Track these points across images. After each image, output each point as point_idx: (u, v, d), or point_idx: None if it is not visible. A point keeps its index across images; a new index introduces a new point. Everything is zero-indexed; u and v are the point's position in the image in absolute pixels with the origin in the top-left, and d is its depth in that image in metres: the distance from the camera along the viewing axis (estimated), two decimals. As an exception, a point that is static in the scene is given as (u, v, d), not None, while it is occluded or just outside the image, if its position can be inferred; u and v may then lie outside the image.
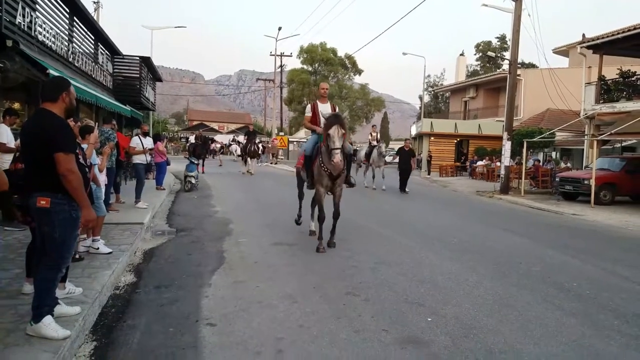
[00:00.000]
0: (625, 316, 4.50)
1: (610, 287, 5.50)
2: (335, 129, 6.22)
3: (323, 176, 6.75)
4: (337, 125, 6.26)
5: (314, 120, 7.33)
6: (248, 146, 21.87)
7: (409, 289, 5.02)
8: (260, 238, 7.52)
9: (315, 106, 7.41)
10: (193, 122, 66.23)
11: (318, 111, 7.23)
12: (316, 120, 7.23)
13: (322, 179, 6.78)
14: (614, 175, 14.87)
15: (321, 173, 6.75)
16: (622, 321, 4.36)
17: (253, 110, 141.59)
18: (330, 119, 6.38)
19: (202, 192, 13.72)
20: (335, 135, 6.21)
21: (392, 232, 8.32)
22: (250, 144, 21.90)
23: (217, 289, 4.92)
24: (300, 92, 56.49)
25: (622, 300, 5.01)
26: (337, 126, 6.25)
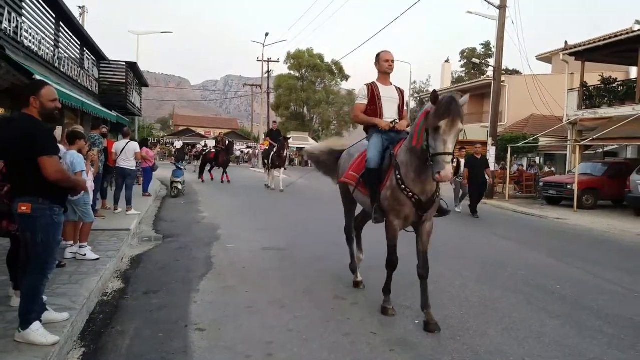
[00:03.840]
0: (608, 317, 4.60)
1: (593, 289, 5.62)
2: (451, 123, 3.69)
3: (404, 204, 4.18)
4: (456, 116, 3.69)
5: (371, 110, 4.81)
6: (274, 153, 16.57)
7: (396, 292, 5.05)
8: (249, 243, 7.53)
9: (373, 88, 4.82)
10: (179, 127, 65.90)
11: (379, 95, 4.80)
12: (376, 109, 4.79)
13: (402, 207, 4.20)
14: (596, 179, 15.16)
15: (400, 199, 4.18)
16: (605, 322, 4.47)
17: (240, 116, 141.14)
18: (444, 103, 3.71)
19: (189, 198, 13.67)
20: (449, 133, 3.72)
21: (381, 236, 8.37)
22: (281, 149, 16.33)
23: (205, 295, 4.92)
24: (288, 97, 56.62)
25: (605, 301, 5.13)
26: (455, 118, 3.69)
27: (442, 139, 3.71)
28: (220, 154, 19.70)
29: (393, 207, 4.26)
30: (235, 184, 18.58)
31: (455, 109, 3.69)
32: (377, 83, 4.88)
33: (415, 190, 4.13)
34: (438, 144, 3.72)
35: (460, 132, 3.79)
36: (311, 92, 57.19)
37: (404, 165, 4.18)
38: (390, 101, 4.82)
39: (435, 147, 3.73)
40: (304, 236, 8.32)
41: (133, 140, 10.59)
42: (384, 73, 4.88)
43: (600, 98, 17.68)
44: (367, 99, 4.83)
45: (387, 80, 4.92)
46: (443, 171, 3.67)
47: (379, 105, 4.79)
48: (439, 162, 3.70)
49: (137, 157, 10.13)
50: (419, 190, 4.14)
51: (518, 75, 30.62)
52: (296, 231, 8.80)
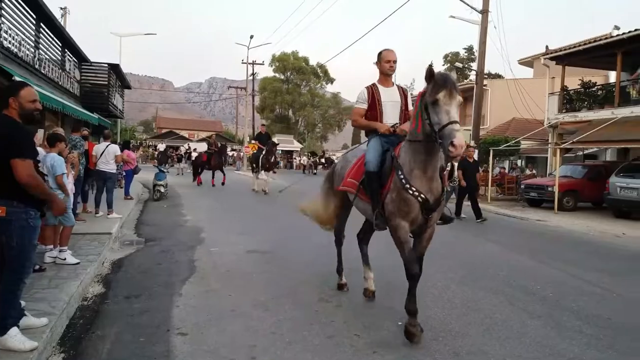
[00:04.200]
0: (587, 317, 4.68)
1: (573, 290, 5.71)
2: (449, 93, 3.50)
3: (411, 204, 3.86)
4: (452, 87, 3.53)
5: (372, 116, 4.55)
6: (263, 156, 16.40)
7: (380, 294, 5.09)
8: (233, 246, 7.49)
9: (374, 91, 4.53)
10: (162, 129, 65.36)
11: (379, 99, 4.50)
12: (376, 114, 4.51)
13: (410, 208, 3.88)
14: (576, 182, 15.42)
15: (407, 199, 3.86)
16: (584, 322, 4.54)
17: (224, 118, 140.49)
18: (439, 77, 3.59)
19: (171, 201, 13.56)
20: (450, 103, 3.50)
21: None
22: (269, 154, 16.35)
23: (188, 299, 4.88)
24: (273, 100, 56.63)
25: (584, 302, 5.21)
26: (452, 89, 3.52)
27: (444, 110, 3.48)
28: (213, 156, 19.21)
29: (400, 209, 3.93)
30: (219, 187, 18.47)
31: (450, 80, 3.57)
32: (378, 85, 4.57)
33: (422, 189, 3.83)
34: (441, 116, 3.47)
35: (460, 104, 3.56)
36: (296, 94, 57.30)
37: (407, 164, 3.90)
38: (391, 105, 4.51)
39: (440, 120, 3.47)
40: (288, 239, 8.30)
41: (114, 143, 10.47)
42: (385, 74, 4.58)
43: (580, 102, 18.01)
44: (367, 103, 4.54)
45: (389, 81, 4.63)
46: (456, 139, 3.30)
47: (379, 110, 4.50)
48: (448, 133, 3.37)
49: (117, 160, 10.02)
50: (426, 189, 3.85)
51: (500, 79, 31.04)
52: (281, 234, 8.79)
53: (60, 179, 5.64)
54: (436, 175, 3.88)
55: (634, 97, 15.53)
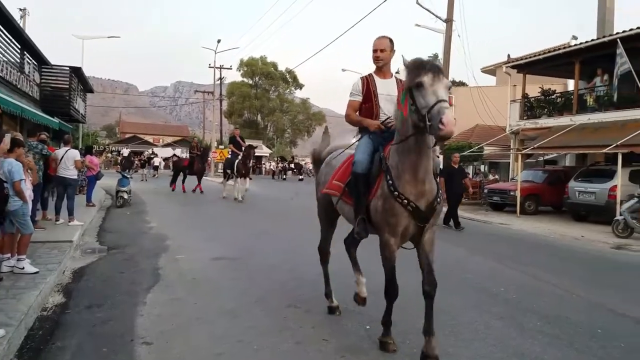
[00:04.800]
0: (548, 317, 4.82)
1: (535, 291, 5.88)
2: (432, 74, 3.18)
3: (399, 215, 3.51)
4: (435, 69, 3.22)
5: (367, 109, 4.10)
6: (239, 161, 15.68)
7: (349, 299, 5.09)
8: (199, 253, 7.38)
9: (369, 82, 4.10)
10: (125, 134, 64.01)
11: (375, 91, 4.08)
12: (372, 107, 4.07)
13: (398, 219, 3.53)
14: (537, 186, 15.91)
15: (394, 209, 3.50)
16: (545, 322, 4.67)
17: (191, 123, 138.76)
18: (417, 63, 3.28)
19: (135, 208, 13.26)
20: (436, 84, 3.16)
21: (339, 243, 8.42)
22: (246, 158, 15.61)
23: (152, 307, 4.78)
24: (241, 105, 56.30)
25: (545, 303, 5.37)
26: (436, 71, 3.21)
27: (431, 91, 3.13)
28: (195, 161, 18.21)
29: (386, 220, 3.56)
30: (184, 193, 18.17)
31: (432, 62, 3.28)
32: (374, 76, 4.13)
33: (411, 195, 3.46)
34: (428, 97, 3.12)
35: (448, 87, 3.24)
36: (265, 100, 57.17)
37: (396, 166, 3.51)
38: (388, 98, 4.06)
39: (427, 102, 3.12)
40: (256, 245, 8.24)
41: (75, 148, 10.18)
42: (379, 66, 4.13)
43: (540, 109, 18.61)
44: (362, 95, 4.10)
45: (385, 72, 4.15)
46: (444, 116, 2.98)
47: (375, 102, 4.06)
48: (437, 112, 3.03)
49: (76, 165, 9.72)
50: (416, 195, 3.47)
51: (464, 87, 31.76)
52: (248, 240, 8.71)
53: (18, 186, 5.43)
54: (429, 177, 3.50)
55: (591, 104, 16.18)
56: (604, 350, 4.01)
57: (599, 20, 19.83)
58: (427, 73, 3.18)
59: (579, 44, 16.32)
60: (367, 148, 3.92)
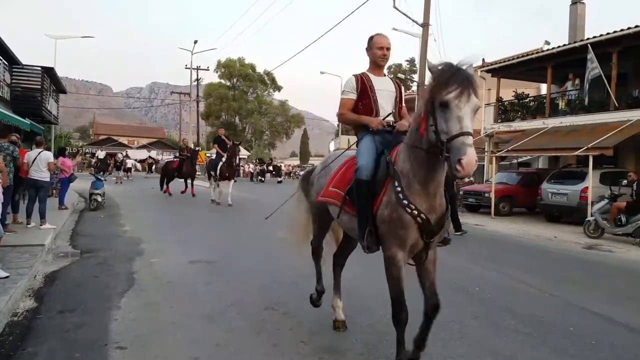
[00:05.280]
0: (522, 317, 4.91)
1: (509, 291, 5.98)
2: (460, 94, 2.73)
3: (409, 226, 3.15)
4: (466, 86, 2.75)
5: (364, 106, 3.82)
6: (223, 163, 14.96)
7: (327, 301, 5.09)
8: (175, 256, 7.28)
9: (364, 79, 3.84)
10: (99, 136, 62.88)
11: (372, 87, 3.82)
12: (370, 103, 3.80)
13: (407, 232, 3.17)
14: (511, 188, 16.22)
15: (403, 220, 3.15)
16: (519, 321, 4.76)
17: (167, 125, 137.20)
18: (447, 70, 2.80)
19: (109, 211, 13.02)
20: (462, 107, 2.74)
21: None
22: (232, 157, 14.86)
23: (127, 312, 4.69)
24: (218, 106, 55.86)
25: (519, 302, 5.47)
26: (466, 88, 2.74)
27: (455, 116, 2.72)
28: (185, 162, 17.44)
29: (394, 232, 3.18)
30: (161, 195, 17.93)
31: (467, 77, 2.75)
32: (368, 74, 3.89)
33: (422, 206, 3.11)
34: (451, 124, 2.72)
35: (477, 109, 2.82)
36: (243, 101, 56.85)
37: (406, 174, 3.16)
38: (386, 95, 3.84)
39: (448, 129, 2.73)
40: (233, 248, 8.18)
41: (47, 150, 9.94)
42: (376, 63, 3.88)
43: (514, 112, 18.99)
44: (357, 93, 3.81)
45: (381, 71, 3.95)
46: (465, 157, 2.61)
47: (372, 99, 3.78)
48: (457, 147, 2.65)
49: (50, 168, 9.51)
50: (427, 207, 3.13)
51: (440, 90, 32.13)
52: (225, 243, 8.64)
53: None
54: (440, 191, 3.20)
55: (563, 108, 16.59)
56: (576, 348, 4.10)
57: (571, 26, 20.37)
58: (456, 90, 2.72)
59: (552, 49, 16.72)
60: (372, 150, 3.54)
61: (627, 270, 7.87)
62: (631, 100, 14.65)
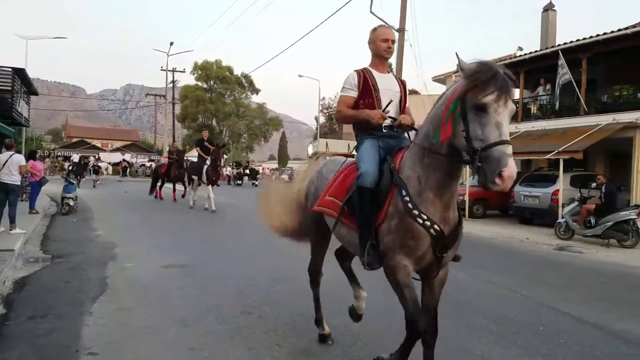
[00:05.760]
0: (494, 317, 5.00)
1: (482, 292, 6.09)
2: (501, 97, 2.48)
3: (420, 237, 2.84)
4: (505, 91, 2.49)
5: (366, 105, 3.48)
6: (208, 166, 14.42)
7: (303, 303, 5.09)
8: (149, 261, 7.19)
9: (366, 76, 3.52)
10: (72, 139, 61.63)
11: (375, 85, 3.50)
12: (372, 102, 3.47)
13: (417, 243, 2.86)
14: (485, 191, 16.46)
15: (413, 231, 2.84)
16: (491, 321, 4.85)
17: (142, 127, 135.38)
18: (486, 72, 2.51)
19: (81, 215, 12.76)
20: (502, 112, 2.49)
21: (292, 247, 8.40)
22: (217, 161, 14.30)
23: (99, 317, 4.61)
24: (195, 109, 55.30)
25: (492, 302, 5.57)
26: (505, 92, 2.49)
27: (494, 122, 2.46)
28: (173, 166, 16.78)
29: (404, 242, 2.87)
30: (135, 199, 17.68)
31: (503, 78, 2.50)
32: (371, 70, 3.57)
33: (435, 216, 2.83)
34: (489, 131, 2.45)
35: (513, 114, 2.60)
36: (220, 104, 56.41)
37: (415, 181, 2.87)
38: (389, 93, 3.51)
39: (485, 136, 2.46)
40: (208, 252, 8.11)
41: (18, 153, 9.72)
42: (380, 57, 3.58)
43: (487, 116, 19.32)
44: (358, 90, 3.49)
45: (385, 66, 3.65)
46: (506, 170, 2.35)
47: (376, 97, 3.46)
48: (497, 158, 2.38)
49: (21, 171, 9.28)
50: (440, 218, 2.85)
51: (416, 95, 32.50)
52: (200, 247, 8.57)
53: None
54: (453, 201, 2.94)
55: (534, 113, 16.98)
56: (546, 347, 4.21)
57: (543, 33, 20.88)
58: (495, 92, 2.45)
59: (524, 54, 17.10)
60: (375, 155, 3.25)
61: (596, 271, 8.09)
62: (600, 106, 15.08)
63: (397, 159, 3.10)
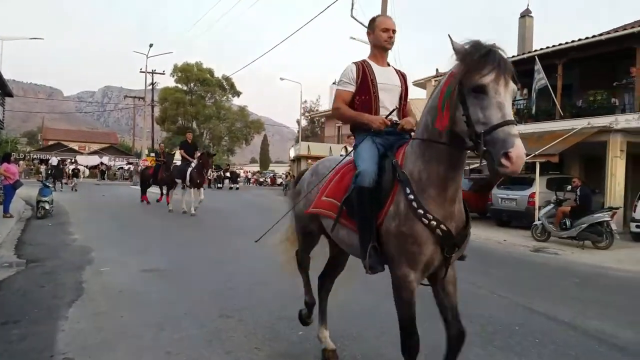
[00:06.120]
0: (471, 316, 5.03)
1: (459, 292, 6.11)
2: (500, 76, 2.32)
3: (424, 241, 2.68)
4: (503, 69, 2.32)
5: (363, 102, 3.28)
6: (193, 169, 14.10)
7: (282, 306, 5.10)
8: (127, 265, 7.09)
9: (366, 70, 3.29)
10: (48, 141, 60.46)
11: (373, 81, 3.28)
12: (370, 100, 3.26)
13: (422, 247, 2.70)
14: (463, 194, 16.38)
15: (416, 233, 2.66)
16: (468, 321, 4.82)
17: (120, 130, 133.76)
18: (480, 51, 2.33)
19: (58, 219, 12.52)
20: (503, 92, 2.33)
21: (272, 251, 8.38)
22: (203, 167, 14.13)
23: (74, 322, 4.53)
24: (175, 111, 54.72)
25: (468, 302, 5.57)
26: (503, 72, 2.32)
27: (495, 103, 2.29)
28: (160, 169, 16.31)
29: (405, 248, 2.70)
30: (113, 203, 17.42)
31: (499, 56, 2.33)
32: (370, 62, 3.33)
33: (440, 214, 2.65)
34: (490, 112, 2.28)
35: (515, 94, 2.48)
36: (200, 106, 55.92)
37: (418, 177, 2.70)
38: (389, 90, 3.32)
39: (487, 118, 2.29)
40: (186, 256, 8.03)
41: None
42: (380, 48, 3.35)
43: (466, 120, 19.61)
44: (356, 85, 3.26)
45: (385, 58, 3.41)
46: (514, 149, 2.18)
47: (374, 95, 3.24)
48: (503, 139, 2.22)
49: None
50: (445, 214, 2.68)
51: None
52: (178, 251, 8.48)
53: None
54: (459, 195, 2.79)
55: (511, 117, 17.23)
56: (521, 346, 4.28)
57: (519, 38, 21.27)
58: (493, 71, 2.29)
59: (502, 59, 17.37)
60: (373, 153, 3.05)
61: (571, 272, 8.26)
62: (575, 110, 15.42)
63: (398, 155, 2.92)
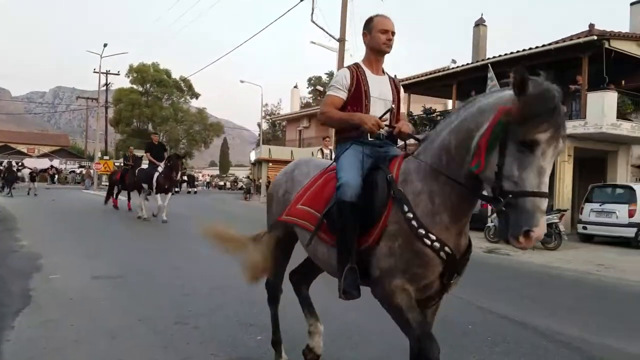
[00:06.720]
0: (444, 324, 5.12)
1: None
2: (554, 135, 2.03)
3: (428, 263, 2.44)
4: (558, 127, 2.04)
5: (356, 105, 2.99)
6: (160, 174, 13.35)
7: (241, 311, 5.05)
8: (78, 272, 6.84)
9: (359, 76, 3.01)
10: (-5, 143, 57.54)
11: (367, 91, 3.01)
12: (361, 104, 2.98)
13: (426, 270, 2.47)
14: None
15: (422, 254, 2.42)
16: (442, 329, 4.98)
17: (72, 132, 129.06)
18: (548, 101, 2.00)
19: (4, 225, 11.96)
20: (550, 155, 2.08)
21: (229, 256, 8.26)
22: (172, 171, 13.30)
23: (22, 331, 4.33)
24: (130, 113, 53.29)
25: (446, 312, 5.71)
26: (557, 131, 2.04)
27: (537, 166, 2.06)
28: (127, 174, 15.74)
29: (407, 269, 2.46)
30: (64, 207, 16.78)
31: (562, 114, 2.09)
32: (364, 68, 3.06)
33: (444, 237, 2.42)
34: (527, 175, 2.06)
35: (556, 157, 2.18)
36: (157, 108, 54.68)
37: (426, 198, 2.47)
38: (381, 102, 3.06)
39: (521, 180, 2.06)
40: (141, 262, 7.82)
41: None
42: (377, 52, 3.05)
43: (423, 126, 20.11)
44: (349, 93, 2.99)
45: (380, 64, 3.12)
46: (536, 230, 2.01)
47: (365, 105, 2.98)
48: (529, 212, 2.02)
49: None
50: (453, 244, 2.47)
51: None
52: (132, 257, 8.25)
53: None
54: (467, 229, 2.61)
55: (466, 122, 17.78)
56: (474, 345, 4.40)
57: (474, 46, 21.98)
58: (550, 130, 2.02)
59: (457, 67, 17.93)
60: (357, 163, 2.80)
61: (522, 272, 8.59)
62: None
63: (392, 166, 2.68)
